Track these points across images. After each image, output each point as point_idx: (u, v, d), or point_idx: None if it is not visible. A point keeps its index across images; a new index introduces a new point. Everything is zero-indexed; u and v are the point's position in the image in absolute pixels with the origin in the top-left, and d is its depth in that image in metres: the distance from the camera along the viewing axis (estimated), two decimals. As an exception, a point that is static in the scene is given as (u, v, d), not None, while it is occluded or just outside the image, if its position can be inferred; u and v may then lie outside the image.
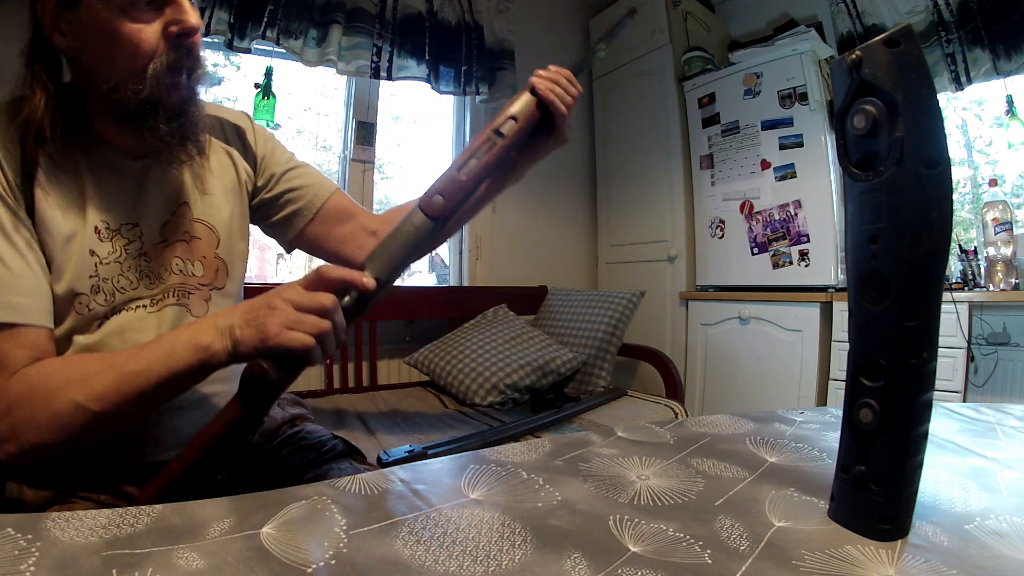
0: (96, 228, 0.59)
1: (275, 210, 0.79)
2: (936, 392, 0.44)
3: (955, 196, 1.18)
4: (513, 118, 0.64)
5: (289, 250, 0.85)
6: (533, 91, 0.65)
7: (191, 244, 0.68)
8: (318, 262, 0.74)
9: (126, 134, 0.60)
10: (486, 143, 0.63)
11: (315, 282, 0.53)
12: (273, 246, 2.27)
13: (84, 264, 0.58)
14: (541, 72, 0.67)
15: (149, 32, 0.55)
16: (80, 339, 0.59)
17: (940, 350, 0.36)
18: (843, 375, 0.37)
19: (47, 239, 0.57)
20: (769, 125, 2.09)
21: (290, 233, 0.80)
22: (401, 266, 0.59)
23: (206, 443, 0.50)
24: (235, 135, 0.75)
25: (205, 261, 0.69)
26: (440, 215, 0.60)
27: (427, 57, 2.12)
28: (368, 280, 0.54)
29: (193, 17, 0.56)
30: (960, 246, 1.86)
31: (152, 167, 0.64)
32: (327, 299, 0.52)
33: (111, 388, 0.50)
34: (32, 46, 0.56)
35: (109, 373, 0.51)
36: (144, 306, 0.63)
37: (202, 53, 0.60)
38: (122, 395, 0.50)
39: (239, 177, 0.74)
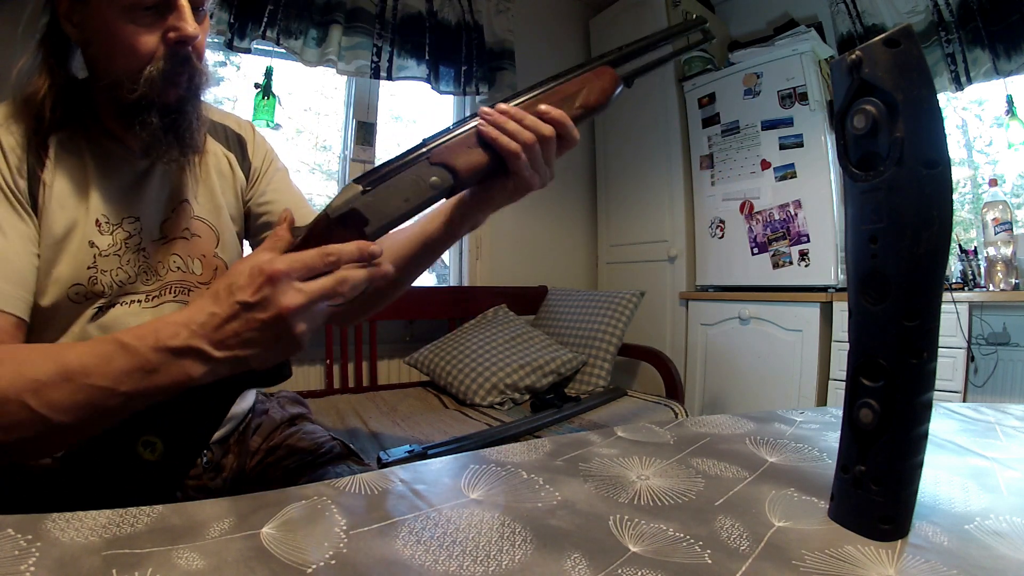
0: (97, 221, 0.60)
1: (255, 228, 0.78)
2: (936, 392, 0.44)
3: (955, 196, 1.18)
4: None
5: None
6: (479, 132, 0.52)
7: (191, 242, 0.68)
8: None
9: (127, 130, 0.61)
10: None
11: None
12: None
13: (83, 254, 0.58)
14: (485, 109, 0.53)
15: (148, 37, 0.55)
16: (75, 329, 0.59)
17: (940, 350, 0.36)
18: (843, 375, 0.37)
19: (48, 226, 0.56)
20: (769, 125, 2.09)
21: None
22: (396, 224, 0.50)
23: None
24: (236, 143, 0.76)
25: (204, 260, 0.69)
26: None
27: (427, 57, 2.12)
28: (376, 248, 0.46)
29: (191, 26, 0.56)
30: (960, 246, 1.86)
31: (156, 167, 0.65)
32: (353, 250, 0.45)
33: (67, 398, 0.42)
34: (46, 30, 0.57)
35: (68, 384, 0.42)
36: (139, 301, 0.63)
37: (204, 59, 0.60)
38: (81, 407, 0.43)
39: (235, 183, 0.74)
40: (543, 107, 0.53)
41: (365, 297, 0.50)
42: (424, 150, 0.50)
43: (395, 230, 0.52)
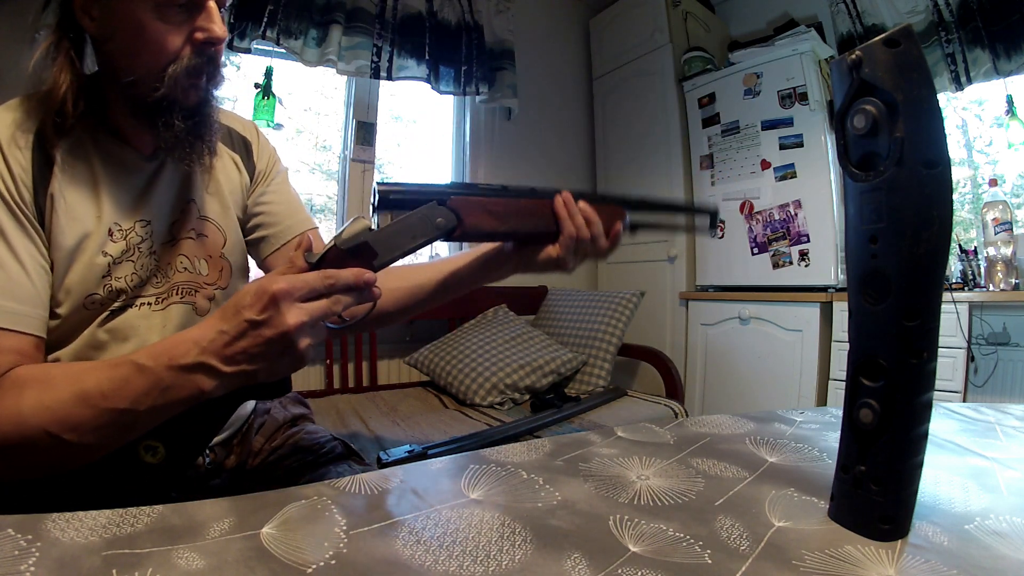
0: (110, 230, 0.59)
1: (249, 230, 0.77)
2: (936, 392, 0.44)
3: (955, 196, 1.18)
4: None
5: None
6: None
7: (198, 242, 0.68)
8: None
9: (142, 130, 0.60)
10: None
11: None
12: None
13: (97, 265, 0.58)
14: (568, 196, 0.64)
15: (175, 36, 0.55)
16: (87, 334, 0.59)
17: (940, 350, 0.36)
18: (843, 375, 0.37)
19: (57, 238, 0.56)
20: (769, 125, 2.09)
21: (256, 257, 0.78)
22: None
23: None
24: (241, 144, 0.76)
25: (211, 260, 0.69)
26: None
27: (427, 57, 2.12)
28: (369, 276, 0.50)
29: (220, 28, 0.57)
30: (960, 246, 1.86)
31: (164, 168, 0.64)
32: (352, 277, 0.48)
33: (89, 422, 0.45)
34: (61, 23, 0.56)
35: (89, 409, 0.45)
36: (149, 303, 0.63)
37: (223, 61, 0.61)
38: (102, 428, 0.46)
39: (241, 184, 0.75)
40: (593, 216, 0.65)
41: (369, 318, 0.56)
42: (437, 194, 0.55)
43: (421, 264, 0.59)
